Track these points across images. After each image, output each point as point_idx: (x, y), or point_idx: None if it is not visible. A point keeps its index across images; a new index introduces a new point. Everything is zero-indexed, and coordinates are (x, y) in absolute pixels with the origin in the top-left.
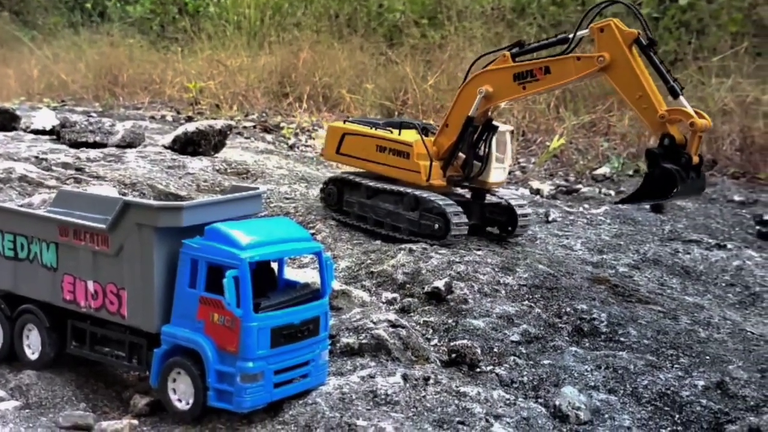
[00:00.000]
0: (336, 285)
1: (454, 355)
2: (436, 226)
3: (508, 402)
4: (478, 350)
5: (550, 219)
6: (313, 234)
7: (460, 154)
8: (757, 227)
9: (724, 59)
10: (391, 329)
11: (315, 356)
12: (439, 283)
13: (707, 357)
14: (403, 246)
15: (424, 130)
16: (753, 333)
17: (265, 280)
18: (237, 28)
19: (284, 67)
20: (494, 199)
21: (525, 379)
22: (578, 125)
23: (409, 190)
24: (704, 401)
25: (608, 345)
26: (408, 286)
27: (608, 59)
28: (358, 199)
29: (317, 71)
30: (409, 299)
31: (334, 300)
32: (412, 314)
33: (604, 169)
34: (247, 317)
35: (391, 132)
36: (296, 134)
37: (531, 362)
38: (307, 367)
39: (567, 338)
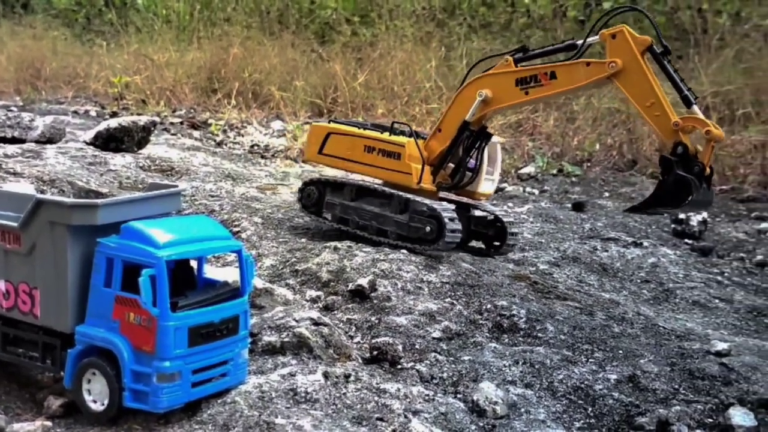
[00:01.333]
0: (259, 283)
1: (375, 353)
2: (428, 229)
3: (427, 398)
4: (400, 347)
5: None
6: (237, 232)
7: (450, 163)
8: (673, 225)
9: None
10: (313, 327)
11: (234, 355)
12: (363, 281)
13: (620, 351)
14: (328, 244)
15: (414, 135)
16: (665, 328)
17: (184, 279)
18: (165, 22)
19: (213, 63)
20: (479, 212)
21: (445, 375)
22: (505, 125)
23: (398, 192)
24: (616, 394)
25: (526, 340)
26: (332, 284)
27: (620, 65)
28: (341, 201)
29: (247, 67)
30: (333, 297)
31: (257, 298)
32: (335, 312)
33: (529, 168)
34: (164, 316)
35: (381, 132)
36: (224, 131)
37: (451, 358)
38: (227, 366)
39: (487, 334)
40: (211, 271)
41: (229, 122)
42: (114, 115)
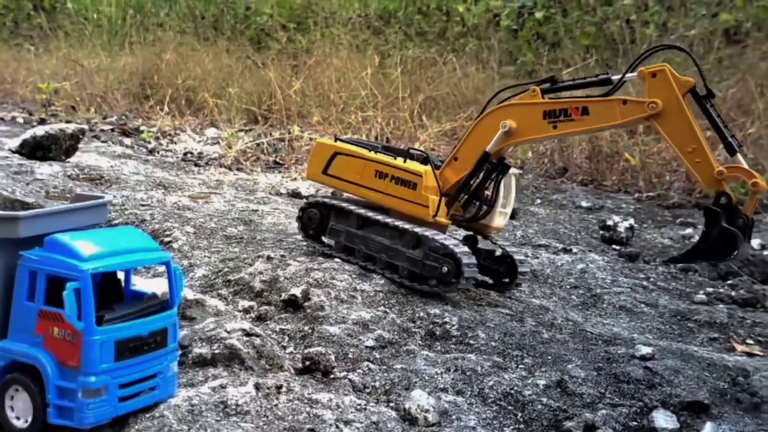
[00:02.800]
0: (190, 294)
1: (308, 363)
2: (445, 269)
3: (359, 407)
4: (332, 357)
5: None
6: (169, 242)
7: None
8: (601, 232)
9: (577, 71)
10: (245, 338)
11: (163, 368)
12: (297, 291)
13: (549, 357)
14: (261, 253)
15: (425, 160)
16: (592, 333)
17: (111, 292)
18: (96, 26)
19: (146, 69)
20: (487, 245)
21: (377, 383)
22: (440, 132)
23: (407, 226)
24: (545, 399)
25: (458, 348)
26: (265, 293)
27: (660, 107)
28: (347, 228)
29: (181, 73)
30: (266, 307)
31: (188, 310)
32: (268, 322)
33: None
34: (89, 331)
35: (395, 158)
36: (157, 138)
37: (384, 367)
38: (155, 380)
39: (420, 342)
40: (141, 283)
41: (162, 129)
42: (42, 122)
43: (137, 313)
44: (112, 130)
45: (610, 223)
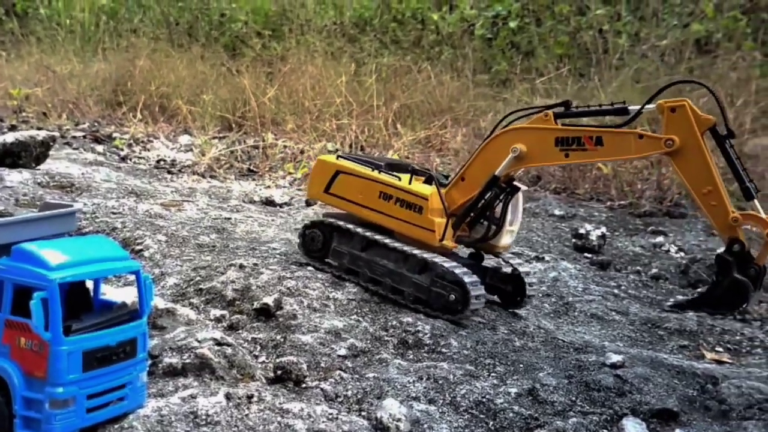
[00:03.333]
0: (161, 303)
1: (279, 372)
2: (452, 297)
3: (330, 417)
4: (305, 366)
5: None
6: (140, 250)
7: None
8: (574, 240)
9: (550, 80)
10: (216, 348)
11: (132, 378)
12: (269, 300)
13: (521, 365)
14: (233, 262)
15: (429, 179)
16: (563, 341)
17: (79, 302)
18: (69, 32)
19: (119, 75)
20: (492, 262)
21: (349, 392)
22: (414, 140)
23: (415, 252)
24: (516, 407)
25: (431, 356)
26: (237, 302)
27: (677, 144)
28: (350, 250)
29: (154, 80)
30: (238, 316)
31: (158, 319)
32: (240, 331)
33: None
34: (56, 341)
35: (400, 179)
36: (129, 145)
37: (356, 376)
38: (124, 390)
39: (392, 351)
40: (111, 292)
41: (135, 136)
42: (13, 128)
43: (106, 323)
44: (84, 136)
45: (582, 231)
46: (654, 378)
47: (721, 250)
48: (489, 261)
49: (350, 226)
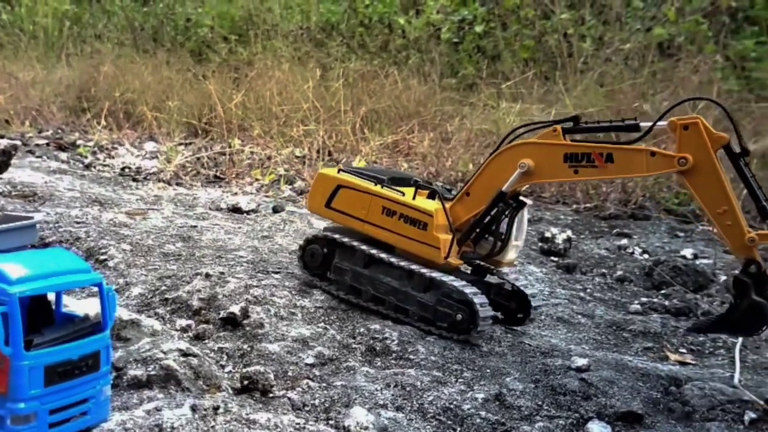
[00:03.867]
0: (125, 314)
1: (246, 382)
2: (459, 317)
3: (297, 426)
4: (271, 375)
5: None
6: (104, 260)
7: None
8: (540, 243)
9: (516, 84)
10: (181, 358)
11: (96, 392)
12: (235, 308)
13: (488, 370)
14: (199, 270)
15: (432, 193)
16: (530, 345)
17: (40, 315)
18: (32, 38)
19: (83, 81)
20: (495, 279)
21: (317, 401)
22: (382, 145)
23: (422, 270)
24: (483, 413)
25: (398, 363)
26: (203, 312)
27: (691, 163)
28: (352, 267)
29: (119, 86)
30: (204, 326)
31: (123, 330)
32: (206, 341)
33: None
34: (17, 356)
35: (404, 194)
36: (94, 152)
37: (324, 384)
38: (87, 404)
39: (360, 358)
40: (75, 304)
41: (99, 143)
42: None
43: (68, 337)
44: (48, 144)
45: (548, 234)
46: (619, 381)
47: (736, 271)
48: (491, 277)
49: (353, 241)
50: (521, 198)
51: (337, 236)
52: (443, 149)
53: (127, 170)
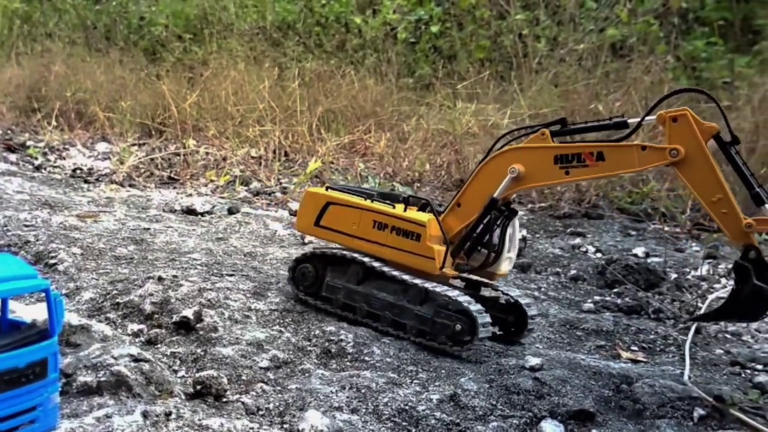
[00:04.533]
0: (75, 319)
1: (199, 387)
2: (458, 327)
3: (251, 431)
4: (225, 380)
5: (306, 241)
6: (54, 264)
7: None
8: None
9: (472, 84)
10: (133, 364)
11: (43, 400)
12: (188, 312)
13: (443, 371)
14: (152, 274)
15: (423, 207)
16: (485, 345)
17: None
18: None
19: (33, 81)
20: (489, 293)
21: (271, 405)
22: (339, 145)
23: (416, 281)
24: (438, 414)
25: (354, 365)
26: (156, 316)
27: (683, 154)
28: (345, 284)
29: (70, 86)
30: (157, 330)
31: (72, 336)
32: (159, 346)
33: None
34: None
35: (394, 207)
36: (44, 154)
37: (278, 388)
38: (35, 413)
39: (315, 361)
40: (23, 310)
41: (50, 144)
42: None
43: (14, 344)
44: None
45: None
46: (571, 380)
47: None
48: (486, 291)
49: (343, 257)
50: (513, 207)
51: (328, 253)
52: (400, 149)
53: (78, 171)
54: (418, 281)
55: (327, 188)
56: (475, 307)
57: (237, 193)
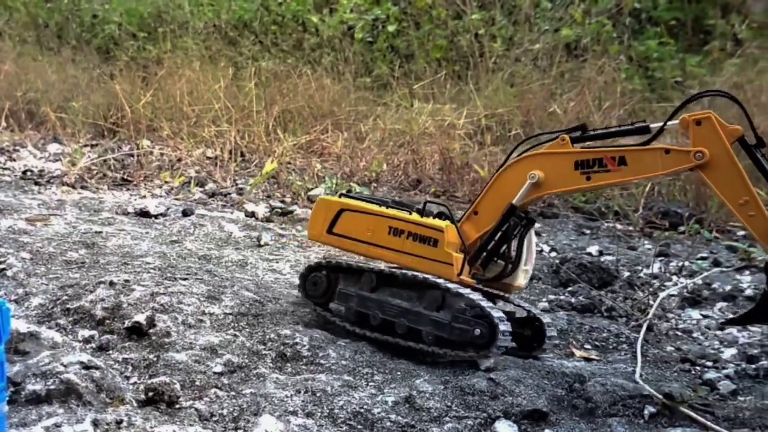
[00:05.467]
0: (23, 326)
1: (151, 394)
2: (477, 332)
3: None
4: (178, 386)
5: (262, 243)
6: (2, 270)
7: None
8: None
9: (429, 84)
10: (83, 371)
11: None
12: (141, 317)
13: (398, 373)
14: (103, 279)
15: (439, 214)
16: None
17: None
18: None
19: None
20: (506, 306)
21: (225, 411)
22: (296, 145)
23: (437, 281)
24: (394, 416)
25: (309, 368)
26: (107, 321)
27: (707, 156)
28: (358, 292)
29: (21, 85)
30: (108, 336)
31: (21, 343)
32: (110, 352)
33: (320, 190)
34: None
35: (410, 212)
36: None
37: (233, 393)
38: None
39: (270, 365)
40: None
41: (0, 146)
42: None
43: None
44: None
45: None
46: (525, 380)
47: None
48: (502, 304)
49: (357, 264)
50: (531, 216)
51: (340, 261)
52: (357, 149)
53: (29, 173)
54: (437, 284)
55: (340, 195)
56: (496, 312)
57: (192, 195)
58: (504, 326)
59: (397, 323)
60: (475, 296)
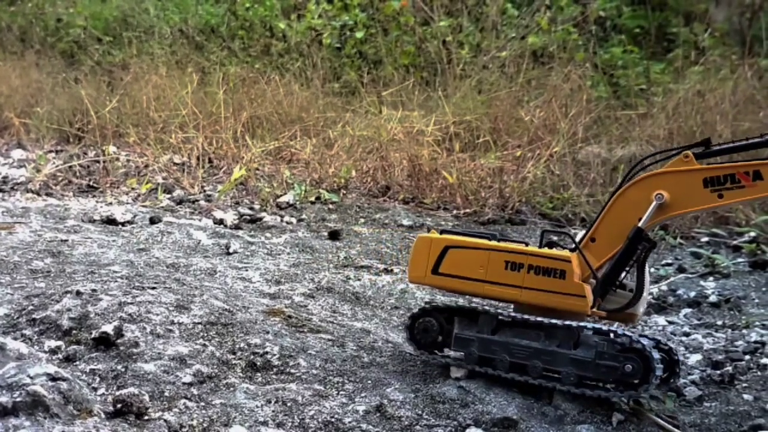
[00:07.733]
0: None
1: (119, 405)
2: (628, 368)
3: None
4: (146, 397)
5: (230, 251)
6: None
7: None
8: None
9: (397, 91)
10: (50, 383)
11: None
12: (108, 327)
13: (369, 381)
14: (70, 288)
15: (550, 244)
16: (411, 354)
17: None
18: None
19: None
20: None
21: (195, 422)
22: (264, 152)
23: (568, 322)
24: (364, 425)
25: (279, 378)
26: (74, 332)
27: None
28: (478, 335)
29: None
30: (75, 347)
31: None
32: (77, 363)
33: (288, 197)
34: None
35: (527, 244)
36: None
37: (202, 403)
38: None
39: (240, 374)
40: None
41: None
42: None
43: None
44: None
45: None
46: (495, 387)
47: None
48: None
49: (470, 306)
50: (652, 239)
51: (451, 304)
52: (326, 156)
53: None
54: (568, 322)
55: (441, 232)
56: (648, 342)
57: (159, 202)
58: (657, 356)
59: (531, 366)
60: (618, 329)
